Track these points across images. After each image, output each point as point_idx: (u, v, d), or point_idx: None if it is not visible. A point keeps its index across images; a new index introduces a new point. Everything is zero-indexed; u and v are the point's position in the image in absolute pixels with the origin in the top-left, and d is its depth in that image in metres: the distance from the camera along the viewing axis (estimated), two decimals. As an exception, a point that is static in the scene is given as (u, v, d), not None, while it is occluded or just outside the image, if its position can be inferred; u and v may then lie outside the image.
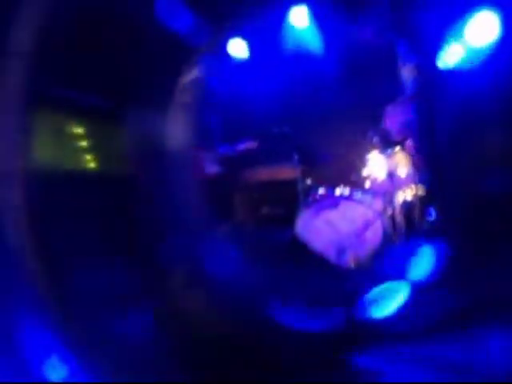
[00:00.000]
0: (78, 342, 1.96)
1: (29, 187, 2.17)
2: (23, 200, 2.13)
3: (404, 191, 4.03)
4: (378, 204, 4.03)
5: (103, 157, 2.68)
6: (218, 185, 4.36)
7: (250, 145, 4.58)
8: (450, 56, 3.34)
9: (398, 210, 3.99)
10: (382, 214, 3.95)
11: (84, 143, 2.72)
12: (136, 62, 2.65)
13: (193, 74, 3.83)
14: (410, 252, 2.58)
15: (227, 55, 4.70)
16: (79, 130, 2.68)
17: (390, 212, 4.01)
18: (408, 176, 4.05)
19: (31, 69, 2.12)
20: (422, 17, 3.39)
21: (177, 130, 3.18)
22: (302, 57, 4.95)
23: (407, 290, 2.33)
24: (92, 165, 2.77)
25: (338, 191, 4.20)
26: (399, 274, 2.47)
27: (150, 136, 2.85)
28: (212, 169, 4.31)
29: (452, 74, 3.38)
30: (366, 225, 3.90)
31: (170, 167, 3.05)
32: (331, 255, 3.82)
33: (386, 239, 3.78)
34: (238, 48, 4.79)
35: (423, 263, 2.42)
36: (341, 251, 3.85)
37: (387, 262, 2.97)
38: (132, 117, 2.68)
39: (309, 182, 4.59)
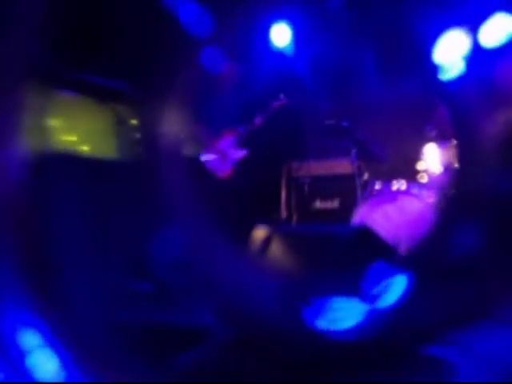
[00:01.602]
0: (73, 340, 1.97)
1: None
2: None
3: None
4: (433, 198, 4.07)
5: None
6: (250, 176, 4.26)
7: (277, 105, 4.31)
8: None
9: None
10: (436, 207, 3.99)
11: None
12: (145, 53, 2.69)
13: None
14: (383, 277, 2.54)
15: (269, 42, 4.67)
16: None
17: (444, 205, 4.04)
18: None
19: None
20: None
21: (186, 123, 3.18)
22: (352, 48, 4.92)
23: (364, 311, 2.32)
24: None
25: (394, 185, 4.27)
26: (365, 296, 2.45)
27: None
28: (236, 154, 4.16)
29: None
30: (421, 218, 3.96)
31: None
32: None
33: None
34: (280, 34, 4.63)
35: (393, 291, 2.40)
36: (396, 243, 3.92)
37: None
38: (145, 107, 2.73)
39: (366, 176, 4.66)
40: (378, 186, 4.38)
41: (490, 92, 2.93)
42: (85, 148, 2.95)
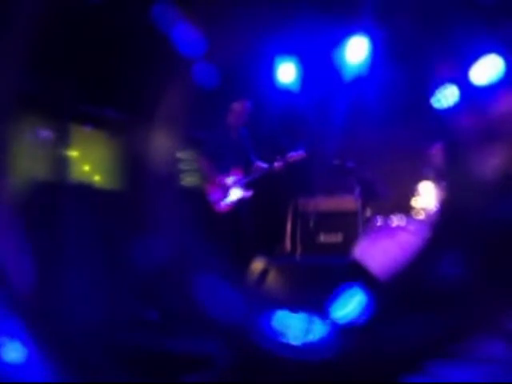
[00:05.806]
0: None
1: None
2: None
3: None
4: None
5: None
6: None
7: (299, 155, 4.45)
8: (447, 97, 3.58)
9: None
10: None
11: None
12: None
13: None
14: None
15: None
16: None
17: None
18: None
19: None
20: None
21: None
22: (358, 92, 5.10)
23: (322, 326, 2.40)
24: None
25: (394, 221, 4.45)
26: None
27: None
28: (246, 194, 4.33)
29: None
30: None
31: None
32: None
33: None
34: (287, 73, 4.87)
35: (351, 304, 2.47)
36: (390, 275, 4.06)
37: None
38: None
39: (368, 213, 4.87)
40: (379, 223, 4.56)
41: (480, 126, 3.11)
42: (96, 178, 3.22)
